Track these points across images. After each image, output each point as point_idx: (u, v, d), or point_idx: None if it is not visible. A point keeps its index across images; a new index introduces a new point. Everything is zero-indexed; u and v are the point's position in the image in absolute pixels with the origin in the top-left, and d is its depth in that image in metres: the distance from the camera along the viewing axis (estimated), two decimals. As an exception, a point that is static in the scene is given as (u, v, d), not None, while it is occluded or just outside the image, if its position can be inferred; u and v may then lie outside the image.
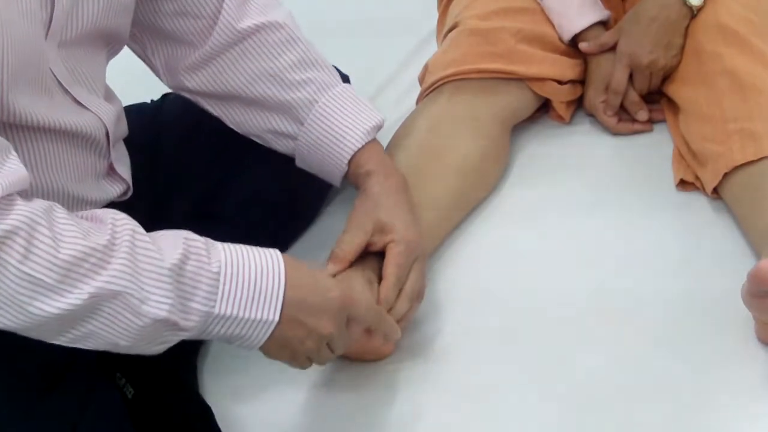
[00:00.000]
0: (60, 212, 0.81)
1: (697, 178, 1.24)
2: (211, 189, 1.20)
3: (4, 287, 0.77)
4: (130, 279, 0.81)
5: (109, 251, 0.81)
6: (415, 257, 1.05)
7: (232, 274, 0.87)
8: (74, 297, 0.78)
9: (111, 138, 1.02)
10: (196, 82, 1.11)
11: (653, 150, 1.32)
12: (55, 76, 0.92)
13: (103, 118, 1.00)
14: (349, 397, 1.05)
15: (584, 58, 1.37)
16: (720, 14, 1.25)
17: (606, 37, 1.34)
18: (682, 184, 1.26)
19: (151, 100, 1.28)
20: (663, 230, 1.20)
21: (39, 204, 0.79)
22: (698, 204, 1.23)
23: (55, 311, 0.78)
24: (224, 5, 1.07)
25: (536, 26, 1.35)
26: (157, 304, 0.83)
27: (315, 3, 1.76)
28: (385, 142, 1.26)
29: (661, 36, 1.28)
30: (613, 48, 1.33)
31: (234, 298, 0.87)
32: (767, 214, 1.11)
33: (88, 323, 0.81)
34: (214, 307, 0.86)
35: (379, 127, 1.11)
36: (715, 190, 1.20)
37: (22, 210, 0.77)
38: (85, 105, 0.97)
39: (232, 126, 1.14)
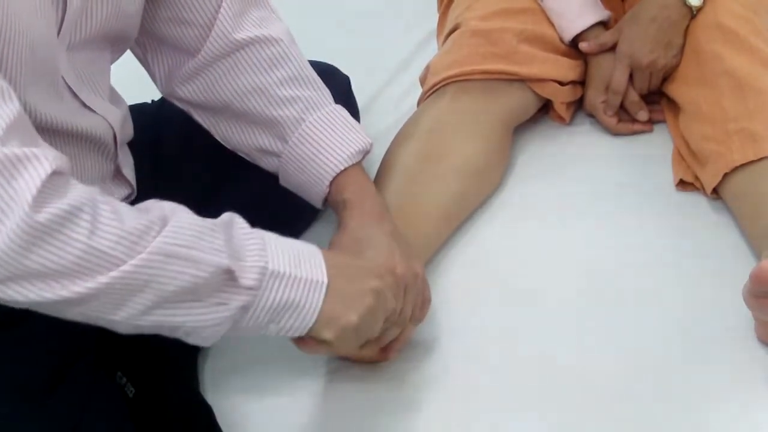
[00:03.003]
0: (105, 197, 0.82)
1: (697, 178, 1.24)
2: (211, 189, 1.20)
3: (72, 260, 0.76)
4: (188, 234, 0.82)
5: (169, 214, 0.83)
6: (403, 286, 1.01)
7: (272, 237, 0.89)
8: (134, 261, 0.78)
9: (118, 140, 1.02)
10: (188, 92, 1.11)
11: (653, 150, 1.33)
12: (63, 79, 0.92)
13: (111, 120, 1.00)
14: (350, 398, 1.05)
15: (585, 58, 1.37)
16: (720, 14, 1.26)
17: (606, 37, 1.34)
18: (682, 184, 1.26)
19: (152, 100, 1.28)
20: (663, 230, 1.21)
21: (90, 187, 0.80)
22: (698, 204, 1.23)
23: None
24: (220, 15, 1.06)
25: (537, 27, 1.35)
26: (217, 253, 0.83)
27: (315, 3, 1.76)
28: (385, 144, 1.26)
29: (661, 36, 1.28)
30: (613, 48, 1.33)
31: (282, 257, 0.87)
32: (767, 215, 1.11)
33: (150, 286, 0.80)
34: (268, 262, 0.86)
35: (364, 152, 1.09)
36: (715, 190, 1.21)
37: (81, 187, 0.78)
38: (93, 108, 0.97)
39: (219, 140, 1.14)
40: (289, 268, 0.87)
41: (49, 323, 0.97)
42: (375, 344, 1.00)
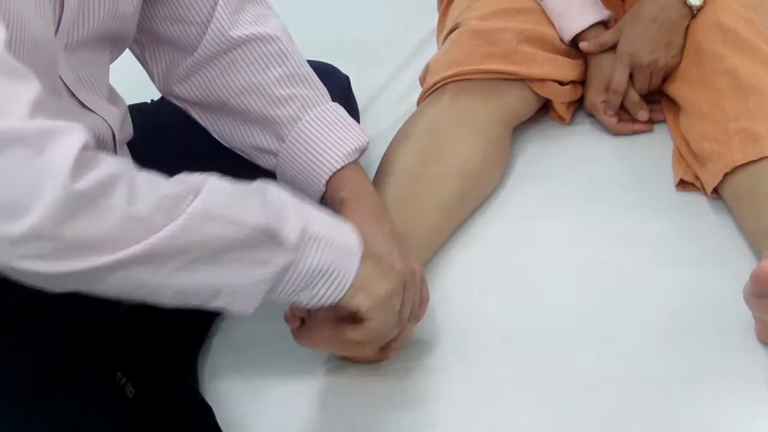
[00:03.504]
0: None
1: (697, 178, 1.24)
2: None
3: (111, 228, 0.75)
4: (225, 196, 0.82)
5: (202, 182, 0.82)
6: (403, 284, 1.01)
7: (305, 204, 0.89)
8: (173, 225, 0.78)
9: (117, 140, 1.02)
10: (186, 90, 1.11)
11: (653, 150, 1.33)
12: (61, 78, 0.92)
13: (109, 120, 1.00)
14: (349, 397, 1.05)
15: (585, 58, 1.37)
16: (720, 14, 1.26)
17: (606, 37, 1.34)
18: (682, 184, 1.26)
19: (151, 100, 1.28)
20: (663, 230, 1.20)
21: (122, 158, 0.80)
22: (698, 204, 1.23)
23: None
24: (216, 12, 1.06)
25: (537, 27, 1.35)
26: (254, 214, 0.83)
27: (315, 3, 1.77)
28: (385, 144, 1.27)
29: (661, 36, 1.28)
30: (613, 47, 1.33)
31: (319, 221, 0.88)
32: (767, 214, 1.11)
33: (191, 249, 0.80)
34: (307, 223, 0.86)
35: (361, 150, 1.09)
36: (715, 190, 1.20)
37: (113, 158, 0.77)
38: (92, 108, 0.97)
39: (217, 138, 1.13)
40: (326, 231, 0.88)
41: (49, 323, 0.97)
42: (375, 343, 1.00)
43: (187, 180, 0.83)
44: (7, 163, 0.71)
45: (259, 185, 0.87)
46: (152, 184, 0.79)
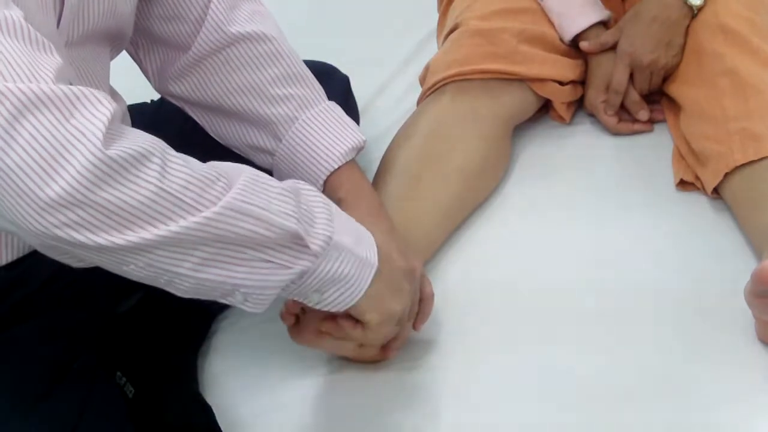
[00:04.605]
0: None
1: (697, 178, 1.24)
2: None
3: (144, 201, 0.74)
4: (261, 194, 0.81)
5: (235, 173, 0.81)
6: None
7: (335, 208, 0.89)
8: (208, 212, 0.77)
9: None
10: (181, 89, 1.11)
11: (653, 150, 1.32)
12: None
13: None
14: (350, 397, 1.05)
15: (585, 58, 1.37)
16: (721, 14, 1.26)
17: (606, 36, 1.34)
18: (682, 184, 1.26)
19: (151, 100, 1.28)
20: (663, 230, 1.20)
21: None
22: (698, 204, 1.23)
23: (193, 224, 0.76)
24: (211, 9, 1.06)
25: (537, 27, 1.35)
26: (287, 216, 0.82)
27: (315, 3, 1.77)
28: (385, 144, 1.26)
29: (661, 35, 1.28)
30: (613, 47, 1.33)
31: (345, 230, 0.88)
32: (767, 214, 1.11)
33: (221, 240, 0.79)
34: (333, 232, 0.86)
35: (357, 149, 1.09)
36: (716, 190, 1.20)
37: (144, 133, 0.76)
38: None
39: (214, 136, 1.13)
40: (350, 243, 0.88)
41: (49, 323, 0.97)
42: (374, 346, 1.00)
43: (218, 165, 0.82)
44: (36, 126, 0.70)
45: (293, 185, 0.87)
46: (185, 162, 0.77)
